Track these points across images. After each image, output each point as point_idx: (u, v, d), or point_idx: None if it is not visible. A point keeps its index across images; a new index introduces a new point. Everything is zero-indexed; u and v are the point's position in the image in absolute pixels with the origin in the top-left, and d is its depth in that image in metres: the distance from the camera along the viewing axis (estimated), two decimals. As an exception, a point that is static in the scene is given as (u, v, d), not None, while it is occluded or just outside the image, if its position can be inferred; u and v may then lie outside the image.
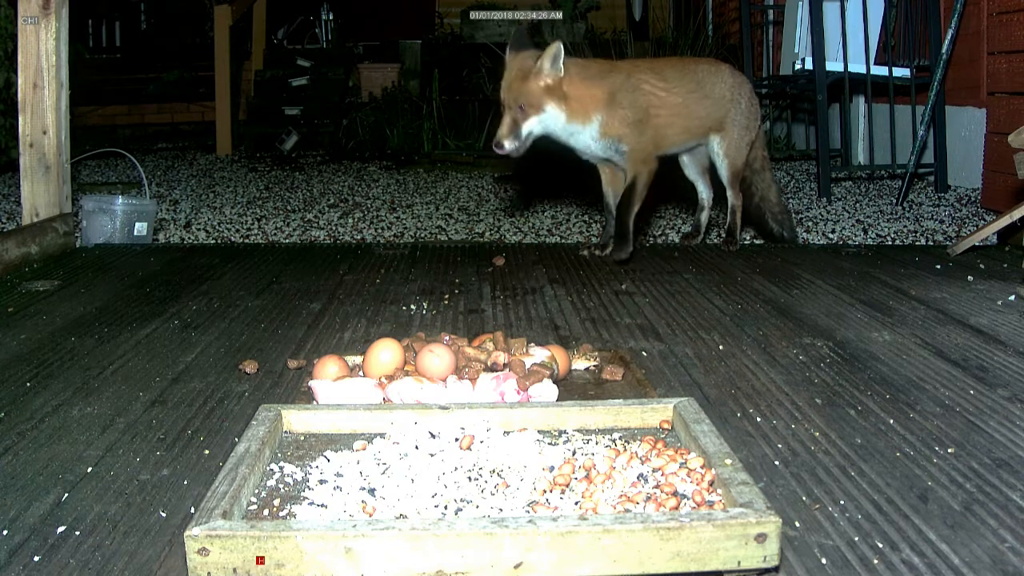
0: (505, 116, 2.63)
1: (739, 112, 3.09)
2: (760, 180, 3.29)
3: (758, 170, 3.28)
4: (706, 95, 3.01)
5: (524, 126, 2.64)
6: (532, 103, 2.62)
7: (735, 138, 3.10)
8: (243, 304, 2.47)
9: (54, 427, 1.60)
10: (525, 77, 2.62)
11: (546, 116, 2.66)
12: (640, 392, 1.67)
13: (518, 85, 2.62)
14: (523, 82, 2.62)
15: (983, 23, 4.46)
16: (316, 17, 9.30)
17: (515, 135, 2.63)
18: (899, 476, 1.38)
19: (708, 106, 3.01)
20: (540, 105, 2.63)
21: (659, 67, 2.97)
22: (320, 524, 1.05)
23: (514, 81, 2.63)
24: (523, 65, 2.63)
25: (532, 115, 2.64)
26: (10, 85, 4.67)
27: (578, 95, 2.68)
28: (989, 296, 2.51)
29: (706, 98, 3.00)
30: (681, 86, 2.94)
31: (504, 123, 2.63)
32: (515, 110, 2.62)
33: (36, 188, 3.16)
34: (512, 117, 2.62)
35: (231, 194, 5.28)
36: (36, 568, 1.14)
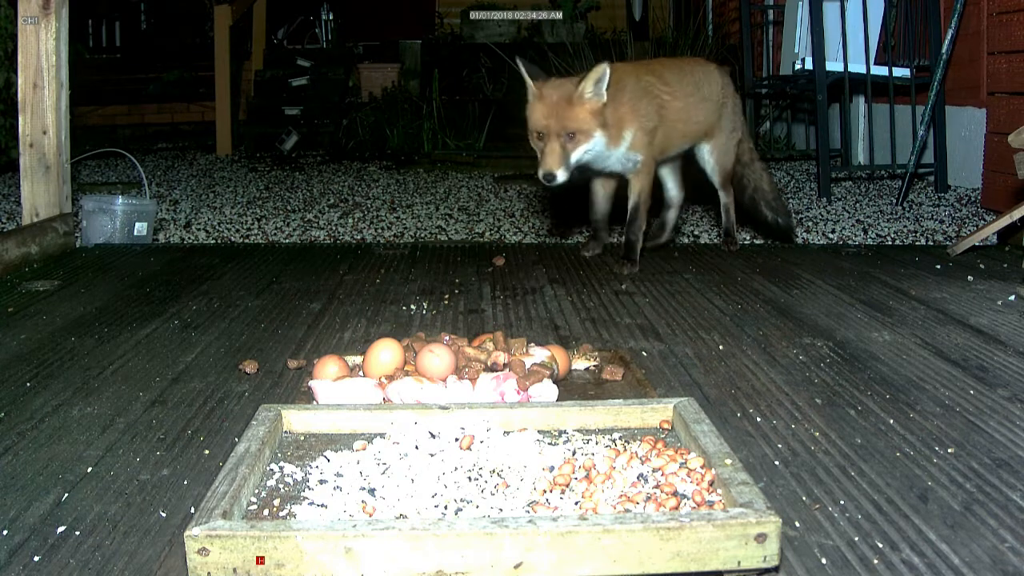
0: (551, 143, 2.47)
1: (727, 114, 3.03)
2: (751, 172, 3.23)
3: (747, 163, 3.22)
4: (704, 98, 2.95)
5: (574, 154, 2.50)
6: (583, 129, 2.50)
7: (724, 142, 3.05)
8: (243, 304, 2.47)
9: (54, 427, 1.60)
10: (571, 102, 2.48)
11: (595, 142, 2.54)
12: (640, 392, 1.67)
13: (565, 111, 2.48)
14: (570, 107, 2.48)
15: (983, 23, 4.46)
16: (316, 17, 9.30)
17: (566, 164, 2.48)
18: (899, 476, 1.38)
19: (705, 109, 2.95)
20: (590, 131, 2.51)
21: (659, 69, 2.89)
22: (320, 524, 1.05)
23: (560, 107, 2.48)
24: (565, 90, 2.49)
25: (582, 142, 2.51)
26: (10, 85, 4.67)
27: (614, 116, 2.59)
28: (989, 296, 2.51)
29: (704, 101, 2.95)
30: (681, 89, 2.87)
31: (553, 152, 2.46)
32: (563, 137, 2.47)
33: (36, 188, 3.16)
34: (560, 144, 2.47)
35: (231, 194, 5.28)
36: (36, 568, 1.14)
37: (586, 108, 2.49)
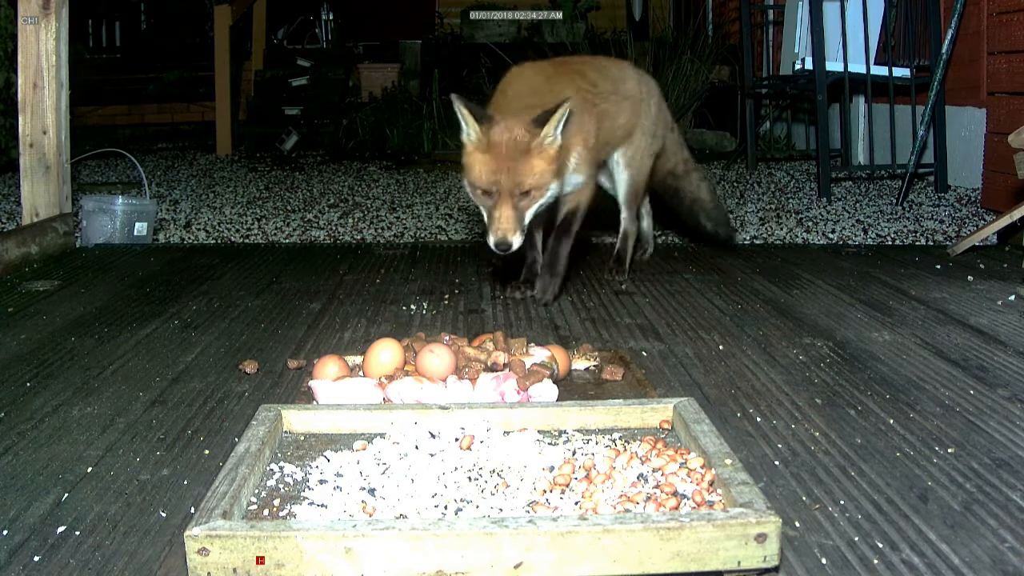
0: (503, 205, 2.07)
1: (648, 116, 2.67)
2: (687, 183, 2.94)
3: (682, 175, 2.92)
4: (624, 96, 2.60)
5: (528, 212, 2.12)
6: (541, 184, 2.09)
7: (642, 147, 2.65)
8: (243, 304, 2.47)
9: (54, 427, 1.60)
10: (528, 153, 2.07)
11: (551, 193, 2.16)
12: (640, 392, 1.67)
13: (521, 165, 2.06)
14: (527, 160, 2.07)
15: (983, 23, 4.46)
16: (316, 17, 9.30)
17: (521, 227, 2.09)
18: (899, 476, 1.38)
19: (626, 110, 2.59)
20: (547, 184, 2.11)
21: (584, 70, 2.52)
22: (320, 524, 1.05)
23: (514, 160, 2.06)
24: (519, 138, 2.06)
25: (538, 199, 2.12)
26: (10, 85, 4.67)
27: (563, 149, 2.18)
28: (989, 296, 2.51)
29: (624, 100, 2.59)
30: (604, 89, 2.51)
31: (506, 216, 2.06)
32: (516, 197, 2.07)
33: (36, 188, 3.16)
34: (514, 204, 2.07)
35: (231, 194, 5.28)
36: (36, 568, 1.14)
37: (544, 158, 2.09)
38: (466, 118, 2.09)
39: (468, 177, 2.14)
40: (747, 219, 4.25)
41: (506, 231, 2.07)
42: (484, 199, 2.11)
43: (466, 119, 2.09)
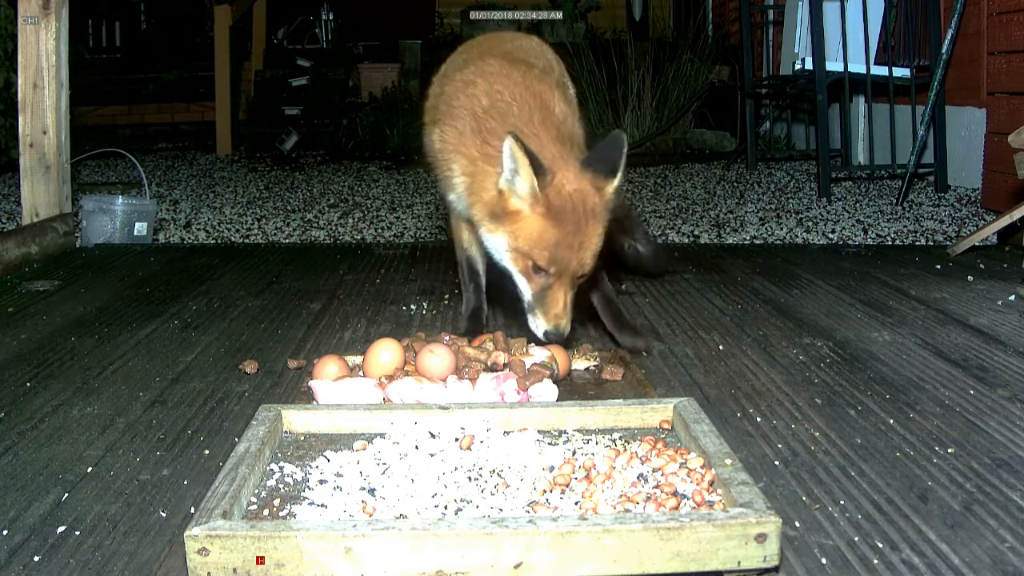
0: (562, 290, 1.63)
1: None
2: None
3: None
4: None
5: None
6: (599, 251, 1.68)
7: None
8: (243, 304, 2.47)
9: (54, 427, 1.60)
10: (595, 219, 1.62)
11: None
12: (640, 392, 1.67)
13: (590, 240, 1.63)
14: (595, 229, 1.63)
15: (983, 23, 4.45)
16: (316, 17, 9.30)
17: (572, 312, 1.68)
18: (899, 476, 1.38)
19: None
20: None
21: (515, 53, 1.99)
22: (320, 524, 1.04)
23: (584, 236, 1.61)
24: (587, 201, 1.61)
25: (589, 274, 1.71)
26: (10, 85, 4.67)
27: None
28: (989, 296, 2.51)
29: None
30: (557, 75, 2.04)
31: (564, 302, 1.64)
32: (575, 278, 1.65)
33: (36, 188, 3.16)
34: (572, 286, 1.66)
35: (231, 194, 5.28)
36: (36, 568, 1.14)
37: (604, 218, 1.65)
38: (521, 168, 1.56)
39: (513, 241, 1.62)
40: (747, 219, 4.25)
41: (565, 320, 1.64)
42: (534, 275, 1.63)
43: (521, 169, 1.56)
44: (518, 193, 1.59)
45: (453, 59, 2.08)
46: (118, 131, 8.23)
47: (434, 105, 1.91)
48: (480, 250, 2.00)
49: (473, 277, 2.05)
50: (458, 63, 1.95)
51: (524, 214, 1.60)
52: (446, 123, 1.78)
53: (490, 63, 1.81)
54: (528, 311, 1.67)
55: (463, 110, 1.75)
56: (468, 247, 2.03)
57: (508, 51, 1.94)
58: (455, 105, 1.77)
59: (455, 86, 1.81)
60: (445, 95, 1.83)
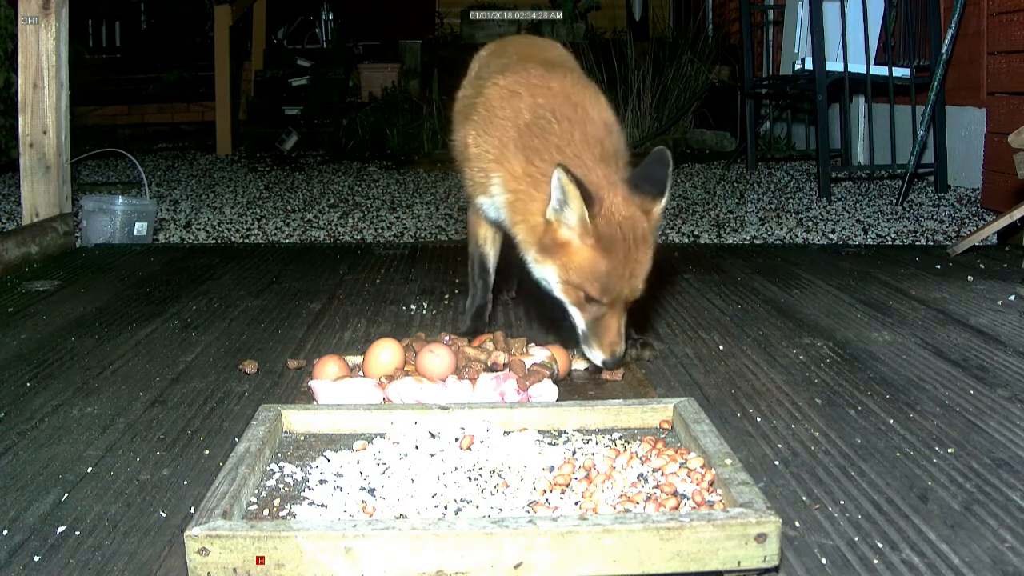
0: (617, 318, 1.61)
1: None
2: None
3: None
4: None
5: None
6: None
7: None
8: (243, 304, 2.47)
9: (54, 427, 1.60)
10: (645, 245, 1.60)
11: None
12: (640, 392, 1.67)
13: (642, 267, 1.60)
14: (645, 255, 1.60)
15: (983, 23, 4.45)
16: (316, 17, 9.30)
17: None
18: (899, 476, 1.38)
19: None
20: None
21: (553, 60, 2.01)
22: (320, 524, 1.04)
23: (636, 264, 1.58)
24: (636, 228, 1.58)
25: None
26: (10, 85, 4.67)
27: None
28: (989, 296, 2.51)
29: None
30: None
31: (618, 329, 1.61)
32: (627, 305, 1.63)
33: (36, 188, 3.16)
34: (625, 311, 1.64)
35: (231, 194, 5.28)
36: (36, 568, 1.14)
37: (653, 241, 1.62)
38: (571, 199, 1.53)
39: (564, 274, 1.59)
40: (747, 219, 4.25)
41: (620, 347, 1.61)
42: (587, 305, 1.60)
43: (571, 201, 1.53)
44: (568, 224, 1.56)
45: (487, 61, 2.06)
46: (118, 131, 8.23)
47: (469, 106, 1.87)
48: (494, 249, 2.03)
49: (483, 274, 2.04)
50: (496, 67, 1.90)
51: (574, 245, 1.57)
52: (485, 130, 1.75)
53: (532, 72, 1.78)
54: (583, 341, 1.64)
55: (505, 121, 1.72)
56: (483, 244, 2.02)
57: (547, 58, 1.94)
58: (497, 114, 1.74)
59: (496, 92, 1.78)
60: (484, 100, 1.79)
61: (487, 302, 2.05)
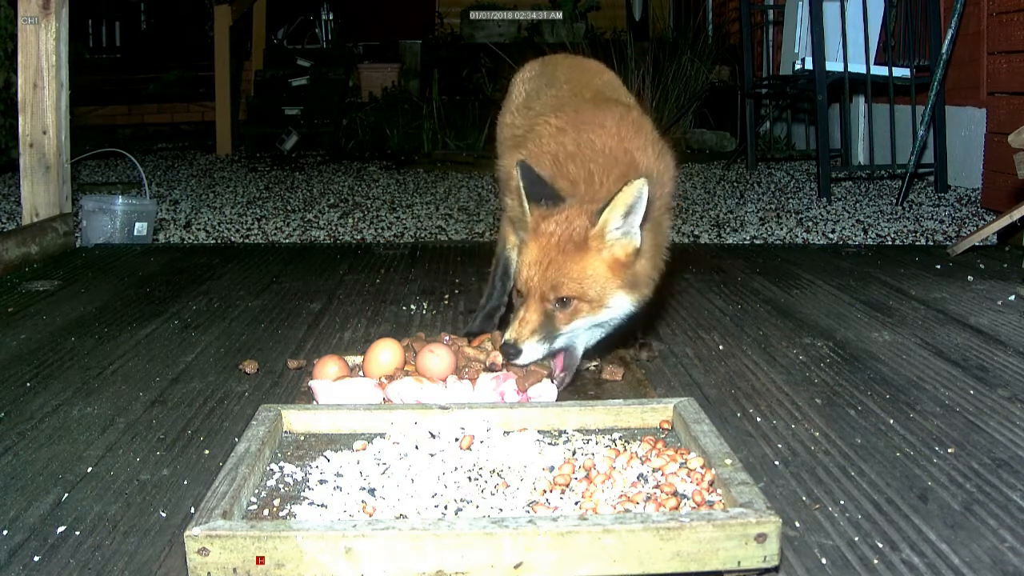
0: (529, 306, 1.56)
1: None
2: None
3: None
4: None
5: (564, 328, 1.57)
6: (590, 295, 1.56)
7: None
8: (243, 304, 2.47)
9: (54, 427, 1.60)
10: (581, 249, 1.55)
11: (609, 312, 1.59)
12: (640, 392, 1.67)
13: (564, 265, 1.55)
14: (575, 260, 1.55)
15: (983, 23, 4.45)
16: (316, 17, 9.30)
17: (545, 338, 1.56)
18: (899, 476, 1.38)
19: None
20: (603, 298, 1.57)
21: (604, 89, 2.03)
22: (320, 524, 1.04)
23: (557, 256, 1.55)
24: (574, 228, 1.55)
25: (583, 313, 1.57)
26: (10, 85, 4.67)
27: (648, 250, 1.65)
28: (989, 296, 2.51)
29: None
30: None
31: (527, 318, 1.55)
32: (548, 302, 1.55)
33: (36, 188, 3.16)
34: (542, 311, 1.56)
35: (231, 194, 5.28)
36: (36, 568, 1.14)
37: (604, 258, 1.56)
38: (524, 199, 1.59)
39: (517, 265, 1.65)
40: (747, 219, 4.25)
41: (520, 334, 1.54)
42: (516, 296, 1.62)
43: (523, 200, 1.59)
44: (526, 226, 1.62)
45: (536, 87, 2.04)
46: (118, 131, 8.23)
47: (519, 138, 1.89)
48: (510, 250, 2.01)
49: (504, 278, 2.02)
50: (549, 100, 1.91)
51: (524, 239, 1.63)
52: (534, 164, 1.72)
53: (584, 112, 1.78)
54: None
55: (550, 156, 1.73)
56: (510, 250, 1.98)
57: (599, 88, 1.97)
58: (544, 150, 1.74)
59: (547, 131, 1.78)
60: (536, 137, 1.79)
61: (501, 305, 2.03)
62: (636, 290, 1.61)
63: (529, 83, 2.09)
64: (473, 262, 3.04)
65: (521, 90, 2.08)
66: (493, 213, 4.58)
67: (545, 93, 1.96)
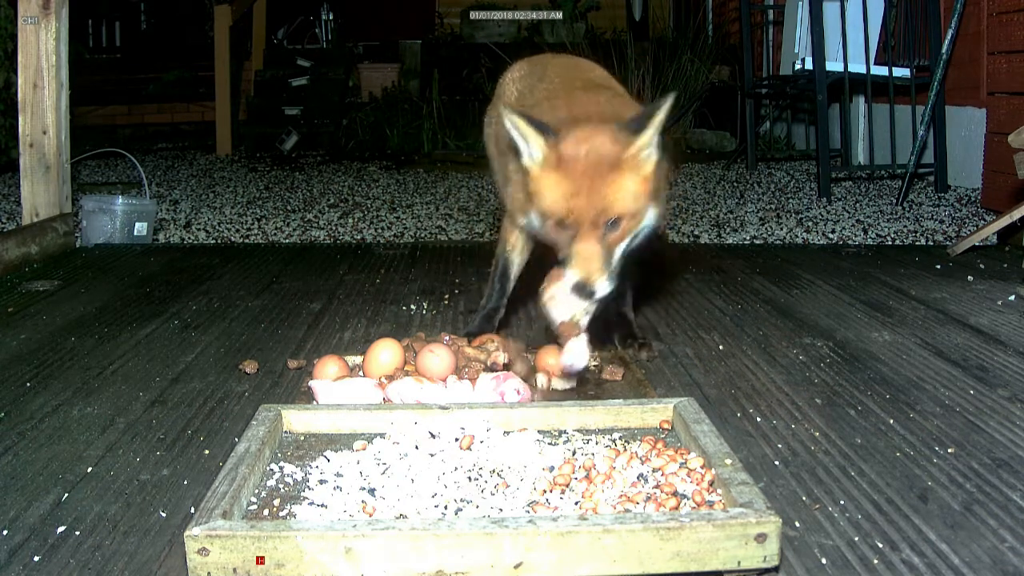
0: (588, 237, 1.54)
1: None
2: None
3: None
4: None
5: (616, 252, 1.58)
6: (634, 210, 1.57)
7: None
8: (243, 304, 2.47)
9: (54, 427, 1.60)
10: (618, 169, 1.56)
11: (644, 224, 1.63)
12: (640, 392, 1.67)
13: (609, 185, 1.54)
14: (617, 179, 1.55)
15: (983, 23, 4.45)
16: (316, 17, 9.30)
17: (609, 269, 1.55)
18: (899, 476, 1.38)
19: None
20: (642, 212, 1.60)
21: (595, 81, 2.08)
22: (320, 524, 1.04)
23: (598, 179, 1.54)
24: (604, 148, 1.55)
25: (630, 231, 1.59)
26: (10, 85, 4.67)
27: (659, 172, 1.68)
28: (989, 296, 2.51)
29: None
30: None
31: (592, 252, 1.53)
32: (602, 228, 1.54)
33: (36, 188, 3.16)
34: (598, 237, 1.54)
35: (231, 194, 5.28)
36: (36, 568, 1.14)
37: (639, 176, 1.58)
38: (526, 134, 1.57)
39: (537, 206, 1.60)
40: (747, 219, 4.25)
41: (593, 272, 1.52)
42: (559, 232, 1.57)
43: (526, 135, 1.58)
44: (535, 161, 1.59)
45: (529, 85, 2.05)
46: (118, 131, 8.23)
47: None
48: (520, 258, 2.02)
49: (503, 279, 2.03)
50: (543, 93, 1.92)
51: (542, 175, 1.58)
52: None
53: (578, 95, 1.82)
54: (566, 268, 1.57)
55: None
56: (511, 251, 2.01)
57: (590, 79, 2.00)
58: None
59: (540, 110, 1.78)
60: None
61: (500, 307, 2.03)
62: (659, 203, 1.65)
63: (520, 82, 2.10)
64: (473, 262, 3.04)
65: (512, 89, 2.09)
66: (493, 213, 4.58)
67: (537, 88, 1.97)
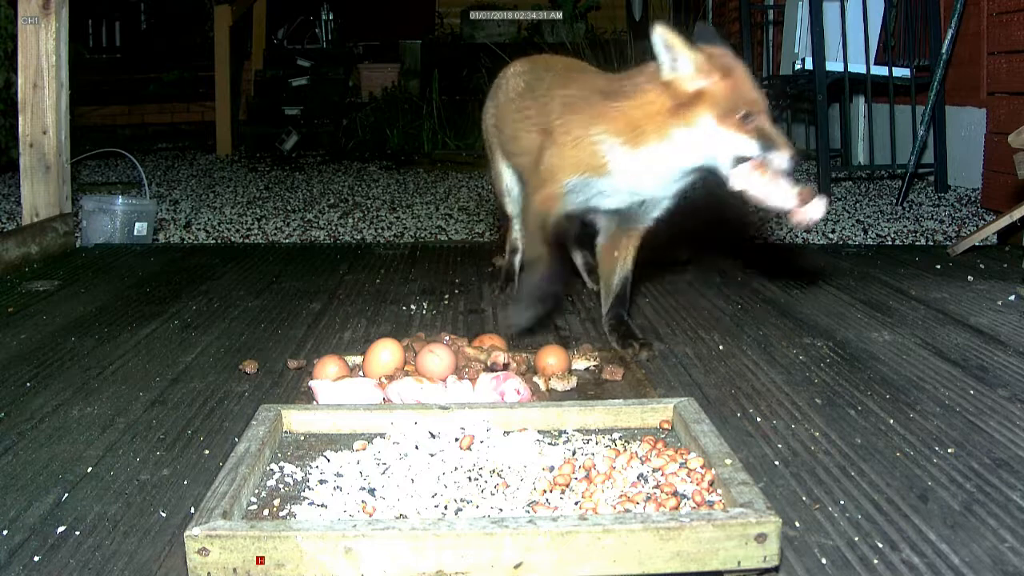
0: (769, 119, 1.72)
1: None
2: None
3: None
4: None
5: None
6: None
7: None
8: (243, 304, 2.47)
9: (54, 427, 1.60)
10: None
11: None
12: (640, 392, 1.67)
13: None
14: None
15: (983, 23, 4.45)
16: (316, 17, 9.30)
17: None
18: (899, 476, 1.38)
19: None
20: None
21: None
22: (320, 524, 1.04)
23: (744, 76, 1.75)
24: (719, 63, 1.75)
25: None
26: (10, 85, 4.67)
27: None
28: (989, 296, 2.51)
29: None
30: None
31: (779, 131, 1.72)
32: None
33: (36, 188, 3.16)
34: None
35: (231, 194, 5.28)
36: (36, 568, 1.14)
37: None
38: (679, 51, 1.70)
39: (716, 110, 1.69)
40: (747, 219, 4.25)
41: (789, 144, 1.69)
42: (745, 124, 1.68)
43: (679, 52, 1.70)
44: (687, 73, 1.71)
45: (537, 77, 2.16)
46: (118, 131, 8.23)
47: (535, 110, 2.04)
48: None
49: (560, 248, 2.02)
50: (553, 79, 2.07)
51: (709, 83, 1.70)
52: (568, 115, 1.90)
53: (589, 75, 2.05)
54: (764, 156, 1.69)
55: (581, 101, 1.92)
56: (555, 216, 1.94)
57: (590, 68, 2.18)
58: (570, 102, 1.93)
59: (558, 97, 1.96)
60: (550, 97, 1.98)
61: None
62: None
63: (526, 74, 2.22)
64: (473, 262, 3.04)
65: (519, 81, 2.21)
66: (493, 213, 4.58)
67: (545, 77, 2.11)
